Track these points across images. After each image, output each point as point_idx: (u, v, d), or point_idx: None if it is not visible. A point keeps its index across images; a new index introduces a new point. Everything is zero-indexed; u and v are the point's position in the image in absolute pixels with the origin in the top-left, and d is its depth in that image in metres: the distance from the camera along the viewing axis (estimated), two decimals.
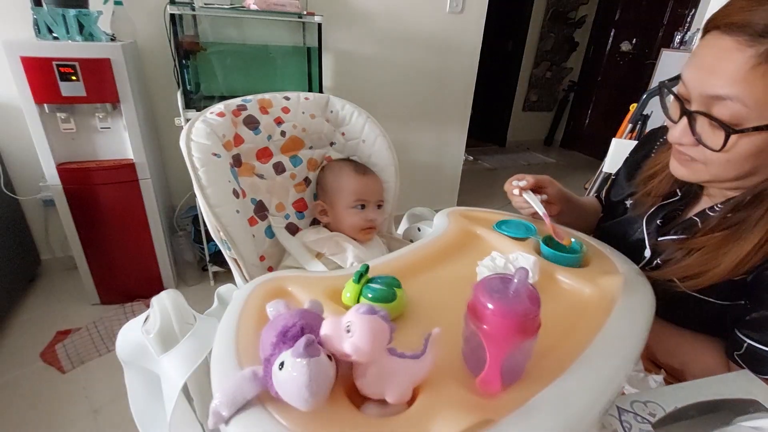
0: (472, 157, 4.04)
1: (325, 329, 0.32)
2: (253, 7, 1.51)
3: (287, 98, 0.85)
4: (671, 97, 0.52)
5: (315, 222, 0.87)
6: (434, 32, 2.17)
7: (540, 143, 4.69)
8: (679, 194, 0.63)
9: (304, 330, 0.33)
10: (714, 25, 0.47)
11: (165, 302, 0.59)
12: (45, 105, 1.30)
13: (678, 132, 0.50)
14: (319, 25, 1.64)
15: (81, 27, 1.28)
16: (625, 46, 3.80)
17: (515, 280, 0.34)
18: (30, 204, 1.68)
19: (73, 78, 1.26)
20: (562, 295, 0.50)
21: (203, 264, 1.88)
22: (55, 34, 1.27)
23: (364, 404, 0.34)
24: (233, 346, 0.37)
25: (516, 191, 0.67)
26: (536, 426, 0.32)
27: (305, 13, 1.63)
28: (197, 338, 0.57)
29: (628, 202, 0.71)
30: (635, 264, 0.60)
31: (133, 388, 0.68)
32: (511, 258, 0.53)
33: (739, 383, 0.47)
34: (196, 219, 1.81)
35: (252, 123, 0.79)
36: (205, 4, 1.48)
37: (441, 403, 0.33)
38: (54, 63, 1.23)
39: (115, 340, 0.66)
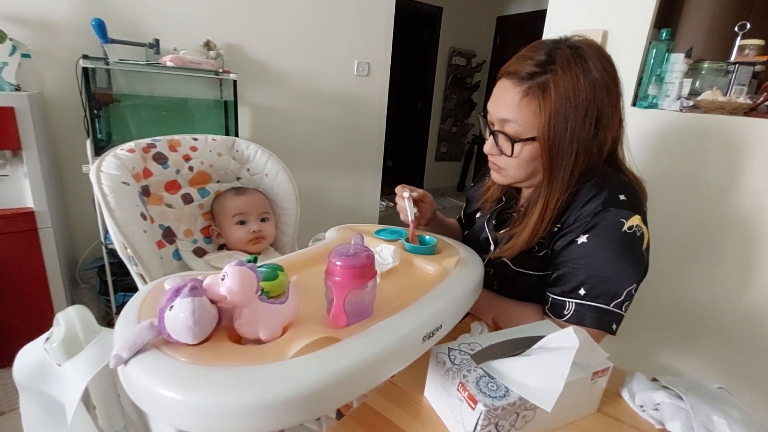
0: (393, 203, 4.32)
1: (207, 280, 0.42)
2: (170, 63, 1.62)
3: (195, 139, 0.97)
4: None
5: (222, 247, 0.95)
6: (345, 92, 2.44)
7: (453, 189, 5.17)
8: (504, 199, 0.84)
9: (192, 286, 0.43)
10: (501, 73, 0.70)
11: (71, 315, 0.63)
12: None
13: (488, 146, 0.72)
14: (234, 81, 1.79)
15: None
16: None
17: (352, 243, 0.48)
18: None
19: None
20: (415, 273, 0.65)
21: (109, 318, 1.79)
22: None
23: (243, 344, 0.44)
24: (136, 311, 0.46)
25: (406, 194, 0.83)
26: (371, 342, 0.45)
27: (221, 70, 1.78)
28: (102, 345, 0.61)
29: (478, 214, 0.91)
30: (481, 253, 0.78)
31: (28, 414, 0.68)
32: (377, 249, 0.67)
33: (540, 327, 0.64)
34: (102, 270, 1.74)
35: (161, 159, 0.89)
36: (120, 59, 1.57)
37: (303, 333, 0.44)
38: None
39: None
